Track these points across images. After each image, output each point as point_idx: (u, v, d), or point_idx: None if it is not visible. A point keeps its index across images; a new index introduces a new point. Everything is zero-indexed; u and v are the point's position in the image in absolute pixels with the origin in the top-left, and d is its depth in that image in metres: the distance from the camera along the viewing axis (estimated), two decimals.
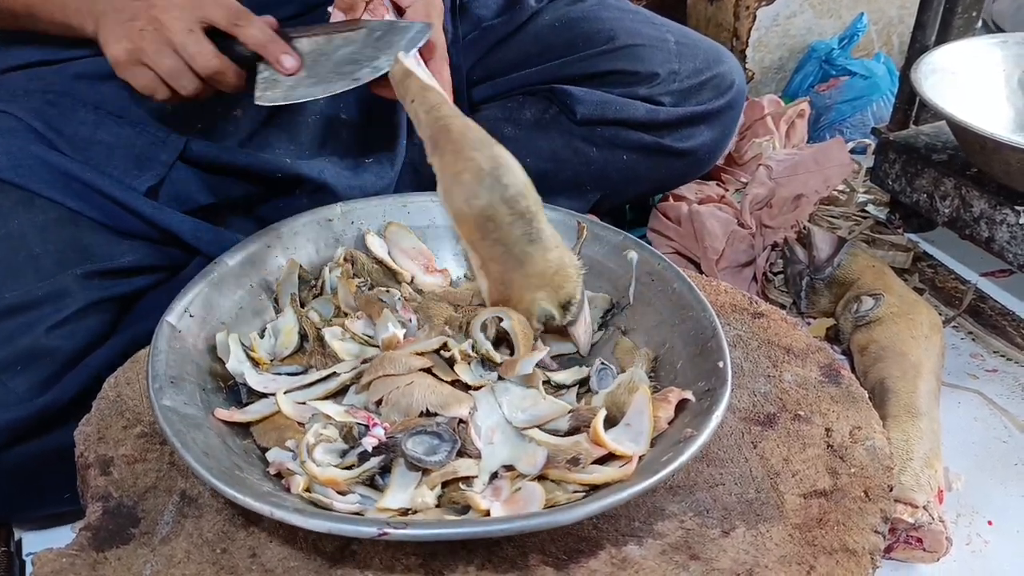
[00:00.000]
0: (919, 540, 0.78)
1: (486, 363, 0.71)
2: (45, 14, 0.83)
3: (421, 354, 0.70)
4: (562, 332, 0.76)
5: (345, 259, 0.82)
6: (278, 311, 0.78)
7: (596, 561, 0.60)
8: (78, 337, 0.79)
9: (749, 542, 0.62)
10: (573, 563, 0.60)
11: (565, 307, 0.73)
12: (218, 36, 0.80)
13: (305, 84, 0.80)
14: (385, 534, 0.54)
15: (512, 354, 0.72)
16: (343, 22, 0.83)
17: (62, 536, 0.83)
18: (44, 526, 0.84)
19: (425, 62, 0.83)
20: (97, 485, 0.65)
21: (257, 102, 0.80)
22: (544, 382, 0.71)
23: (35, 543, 0.84)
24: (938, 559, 0.79)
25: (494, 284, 0.72)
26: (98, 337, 0.81)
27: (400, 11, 0.87)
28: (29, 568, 0.80)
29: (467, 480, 0.63)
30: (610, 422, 0.67)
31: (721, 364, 0.68)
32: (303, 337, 0.75)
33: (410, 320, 0.76)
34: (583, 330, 0.76)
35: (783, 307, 1.14)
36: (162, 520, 0.62)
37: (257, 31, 0.80)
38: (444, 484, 0.63)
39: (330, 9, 0.91)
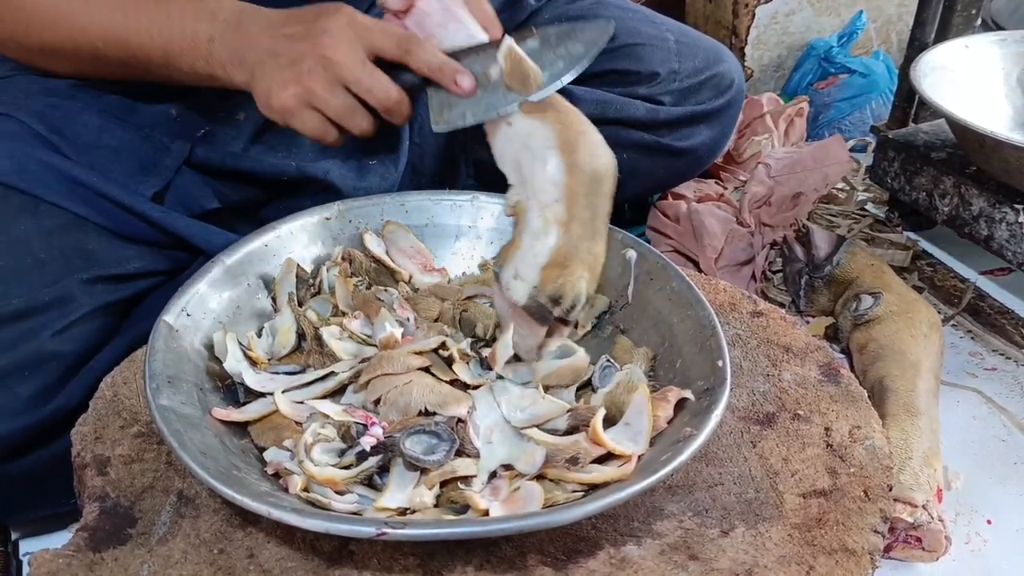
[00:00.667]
0: (918, 539, 0.78)
1: (484, 363, 0.71)
2: (186, 64, 0.81)
3: (419, 353, 0.70)
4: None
5: (343, 258, 0.82)
6: (276, 310, 0.78)
7: (595, 561, 0.60)
8: (83, 341, 0.78)
9: (748, 542, 0.62)
10: (572, 563, 0.60)
11: (586, 302, 0.73)
12: (384, 66, 0.77)
13: (481, 103, 0.75)
14: (383, 534, 0.54)
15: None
16: (515, 34, 0.78)
17: (61, 537, 0.82)
18: (43, 527, 0.84)
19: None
20: (94, 485, 0.64)
21: (436, 128, 0.77)
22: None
23: (33, 543, 0.83)
24: (937, 558, 0.79)
25: (567, 245, 0.72)
26: (102, 340, 0.80)
27: None
28: (26, 569, 0.80)
29: (466, 480, 0.63)
30: (609, 421, 0.67)
31: (720, 363, 0.68)
32: (301, 336, 0.75)
33: (408, 319, 0.76)
34: (565, 334, 0.75)
35: (782, 306, 1.14)
36: (159, 520, 0.62)
37: (429, 55, 0.76)
38: (443, 484, 0.63)
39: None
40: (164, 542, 0.61)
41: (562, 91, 1.06)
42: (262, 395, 0.70)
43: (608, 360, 0.73)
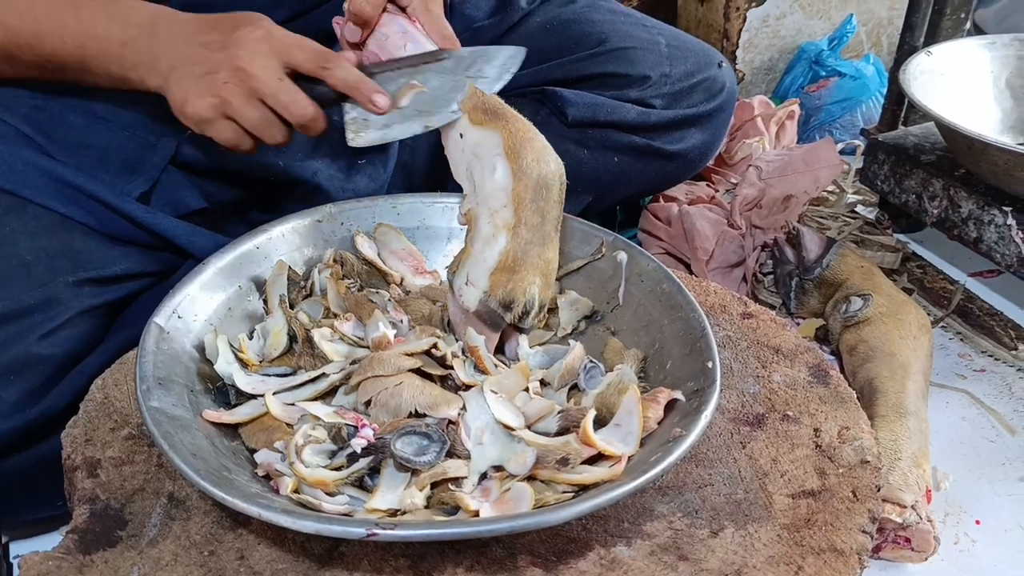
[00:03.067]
0: (907, 540, 0.78)
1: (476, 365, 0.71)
2: (100, 68, 0.80)
3: (411, 355, 0.70)
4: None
5: (335, 260, 0.82)
6: (267, 312, 0.78)
7: (585, 562, 0.60)
8: (70, 344, 0.78)
9: (738, 543, 0.62)
10: (562, 564, 0.60)
11: (541, 308, 0.74)
12: (299, 79, 0.78)
13: (398, 120, 0.78)
14: (374, 535, 0.54)
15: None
16: (425, 54, 0.80)
17: (51, 539, 0.82)
18: (33, 529, 0.84)
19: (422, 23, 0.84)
20: (84, 487, 0.64)
21: (351, 144, 0.78)
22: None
23: (23, 545, 0.83)
24: (926, 559, 0.79)
25: (515, 249, 0.73)
26: (90, 343, 0.80)
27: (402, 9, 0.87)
28: (16, 571, 0.79)
29: (456, 481, 0.63)
30: (600, 422, 0.67)
31: (710, 364, 0.68)
32: (292, 338, 0.75)
33: (401, 321, 0.76)
34: (522, 348, 0.76)
35: (773, 307, 1.14)
36: (149, 523, 0.62)
37: (346, 72, 0.78)
38: (433, 485, 0.63)
39: (337, 22, 0.90)
40: (154, 544, 0.61)
41: (552, 93, 1.07)
42: (253, 397, 0.70)
43: (592, 361, 0.73)
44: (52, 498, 0.77)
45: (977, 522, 0.86)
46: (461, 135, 0.77)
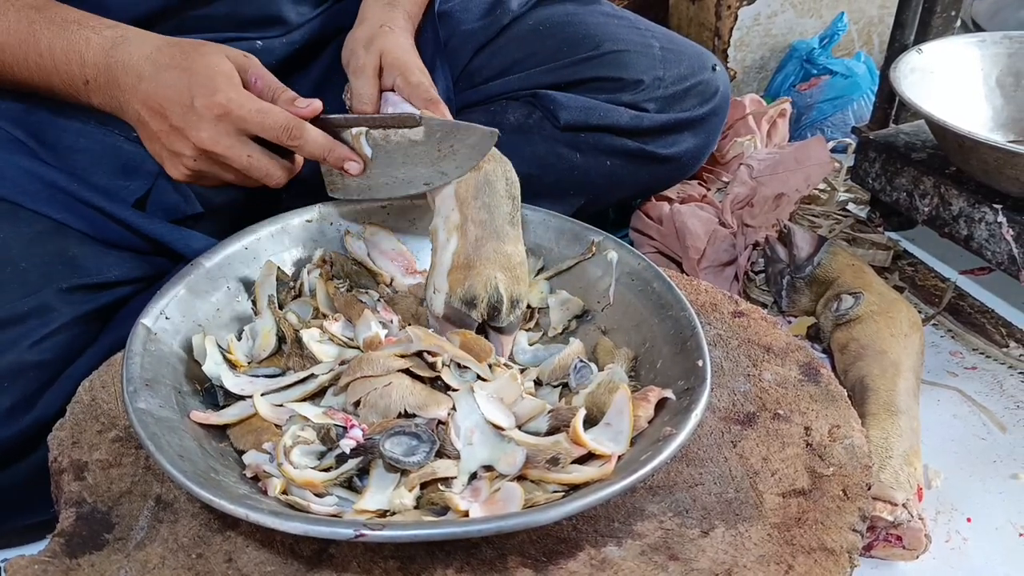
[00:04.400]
0: (898, 538, 0.78)
1: (463, 367, 0.71)
2: (72, 100, 0.80)
3: (401, 355, 0.69)
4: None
5: (324, 260, 0.82)
6: (256, 313, 0.77)
7: (575, 562, 0.60)
8: (62, 350, 0.77)
9: (728, 542, 0.62)
10: (552, 565, 0.60)
11: (512, 305, 0.75)
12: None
13: (374, 182, 0.80)
14: (362, 535, 0.53)
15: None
16: (399, 116, 0.80)
17: (39, 544, 0.82)
18: (20, 534, 0.83)
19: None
20: (71, 490, 0.64)
21: (331, 194, 0.82)
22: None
23: (9, 550, 0.83)
24: (917, 557, 0.79)
25: (465, 246, 0.76)
26: (81, 348, 0.79)
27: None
28: (2, 575, 0.79)
29: (446, 481, 0.63)
30: (590, 421, 0.67)
31: (700, 363, 0.68)
32: (281, 339, 0.74)
33: (391, 321, 0.76)
34: (508, 345, 0.77)
35: (764, 306, 1.14)
36: (137, 525, 0.62)
37: (313, 145, 0.77)
38: (423, 485, 0.62)
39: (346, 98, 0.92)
40: (142, 547, 0.60)
41: (545, 97, 1.07)
42: (241, 398, 0.69)
43: (581, 361, 0.73)
44: (42, 504, 0.76)
45: (968, 520, 0.86)
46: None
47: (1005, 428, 0.98)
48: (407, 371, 0.69)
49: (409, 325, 0.76)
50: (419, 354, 0.70)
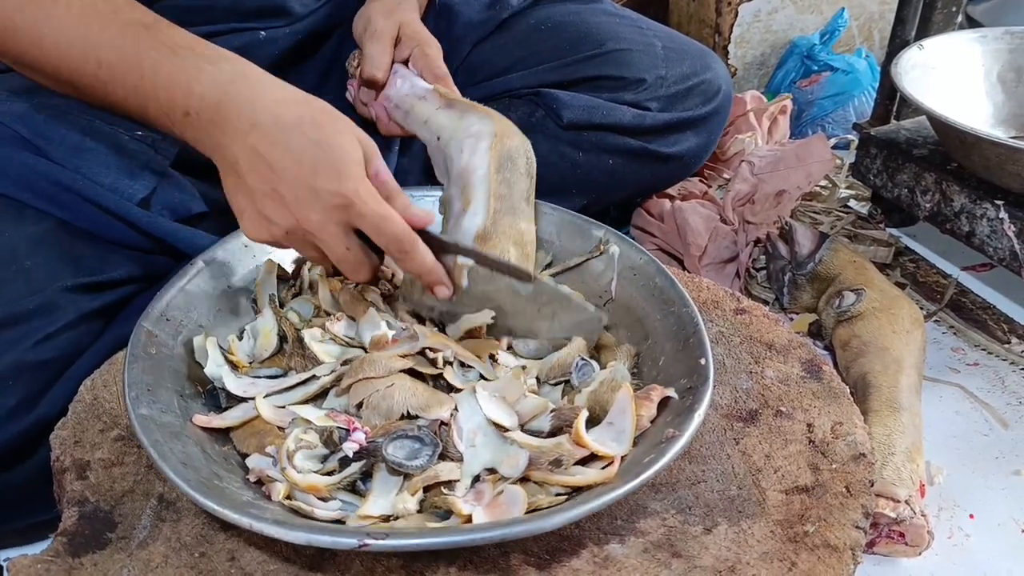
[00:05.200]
0: (901, 534, 0.78)
1: (465, 366, 0.71)
2: (163, 128, 0.73)
3: (403, 355, 0.69)
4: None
5: None
6: (257, 312, 0.77)
7: (578, 560, 0.60)
8: (66, 349, 0.77)
9: (731, 539, 0.62)
10: (555, 563, 0.60)
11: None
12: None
13: (456, 310, 0.75)
14: (365, 545, 0.53)
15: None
16: (510, 265, 0.74)
17: (41, 543, 0.82)
18: (23, 533, 0.83)
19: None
20: (73, 490, 0.64)
21: (402, 303, 0.78)
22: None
23: (12, 549, 0.82)
24: (920, 553, 0.79)
25: (489, 217, 0.76)
26: (85, 347, 0.79)
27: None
28: (4, 574, 0.79)
29: (449, 484, 0.62)
30: (593, 420, 0.66)
31: (703, 361, 0.68)
32: (283, 338, 0.74)
33: (397, 318, 0.76)
34: (518, 344, 0.76)
35: (766, 303, 1.14)
36: (139, 524, 0.62)
37: (419, 264, 0.71)
38: (426, 489, 0.62)
39: (350, 85, 0.93)
40: (144, 546, 0.60)
41: (547, 95, 1.07)
42: (243, 400, 0.69)
43: (583, 358, 0.73)
44: (45, 504, 0.76)
45: (971, 516, 0.86)
46: (426, 121, 0.81)
47: (1007, 424, 0.97)
48: (410, 371, 0.68)
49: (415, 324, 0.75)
50: (422, 352, 0.70)
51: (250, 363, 0.73)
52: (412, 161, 1.06)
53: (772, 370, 0.77)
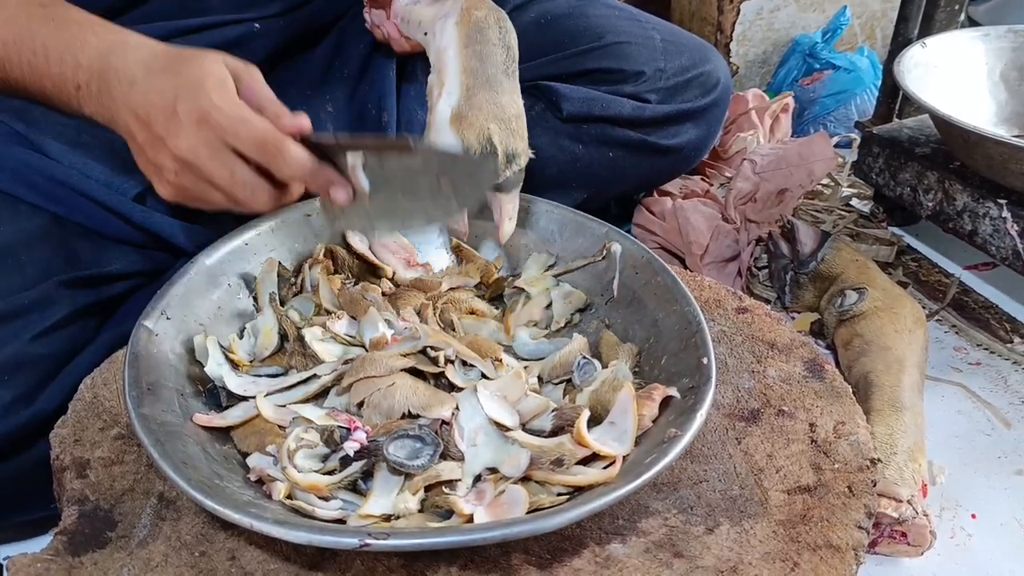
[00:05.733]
0: (903, 534, 0.78)
1: (467, 365, 0.70)
2: (64, 107, 0.74)
3: (405, 354, 0.69)
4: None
5: (325, 255, 0.81)
6: (257, 310, 0.77)
7: (580, 560, 0.60)
8: (62, 344, 0.77)
9: (733, 539, 0.61)
10: (557, 562, 0.60)
11: (508, 159, 0.72)
12: None
13: (375, 212, 0.72)
14: (367, 545, 0.53)
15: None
16: (387, 140, 0.74)
17: (40, 541, 0.81)
18: (22, 531, 0.83)
19: None
20: (73, 488, 0.64)
21: (336, 229, 0.76)
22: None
23: (11, 547, 0.82)
24: (922, 553, 0.79)
25: (463, 96, 0.73)
26: (82, 343, 0.79)
27: None
28: (4, 573, 0.78)
29: (450, 484, 0.62)
30: (594, 419, 0.66)
31: (705, 360, 0.68)
32: (283, 337, 0.74)
33: (395, 320, 0.76)
34: (510, 206, 0.74)
35: (767, 302, 1.14)
36: (139, 523, 0.61)
37: (296, 165, 0.69)
38: (427, 488, 0.62)
39: (367, 10, 0.91)
40: (144, 545, 0.60)
41: (547, 88, 1.06)
42: (244, 399, 0.69)
43: (584, 358, 0.72)
44: (42, 500, 0.76)
45: (973, 516, 0.86)
46: (420, 23, 0.80)
47: (1009, 424, 0.97)
48: (411, 370, 0.68)
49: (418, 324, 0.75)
50: (423, 351, 0.70)
51: (251, 362, 0.72)
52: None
53: (774, 369, 0.77)
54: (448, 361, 0.69)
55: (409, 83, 1.05)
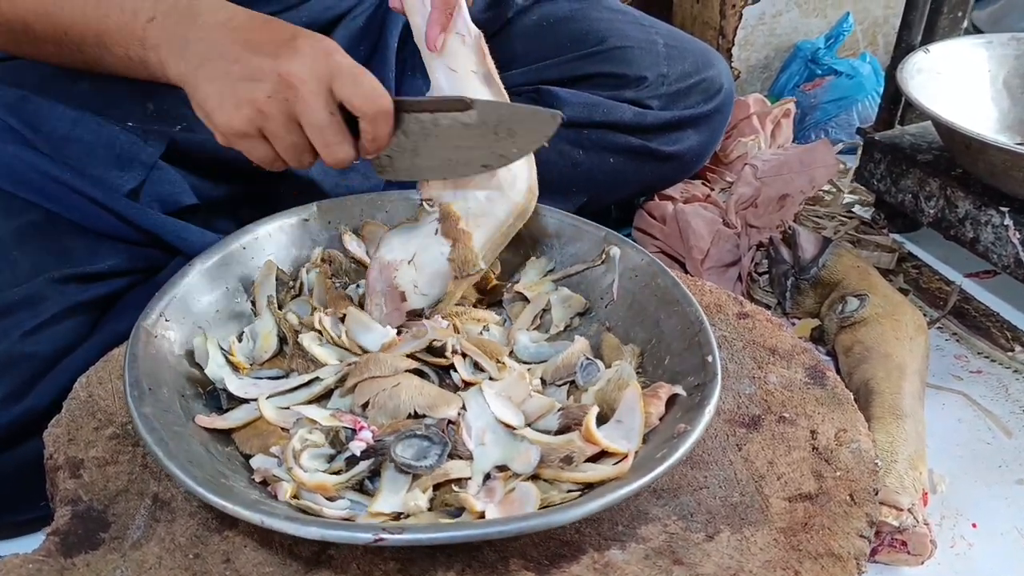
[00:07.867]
0: (903, 543, 0.77)
1: (476, 364, 0.70)
2: (118, 46, 0.72)
3: (409, 355, 0.68)
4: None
5: (323, 259, 0.81)
6: (256, 313, 0.76)
7: (578, 566, 0.59)
8: (54, 341, 0.76)
9: (733, 546, 0.61)
10: (555, 568, 0.59)
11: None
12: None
13: (424, 164, 0.75)
14: (381, 540, 0.52)
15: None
16: (444, 99, 0.74)
17: (32, 541, 0.81)
18: (13, 530, 0.82)
19: None
20: (66, 488, 0.63)
21: (380, 176, 0.77)
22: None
23: (2, 547, 0.81)
24: (922, 562, 0.79)
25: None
26: (75, 340, 0.78)
27: None
28: None
29: (459, 482, 0.62)
30: (600, 419, 0.66)
31: (710, 358, 0.67)
32: (282, 340, 0.73)
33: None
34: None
35: (768, 307, 1.13)
36: (133, 524, 0.61)
37: (379, 132, 0.70)
38: (436, 486, 0.61)
39: None
40: (138, 547, 0.59)
41: (547, 93, 1.06)
42: (244, 401, 0.68)
43: (587, 358, 0.72)
44: (34, 499, 0.75)
45: (973, 525, 0.85)
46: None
47: (1010, 433, 0.97)
48: (416, 370, 0.68)
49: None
50: (429, 345, 0.69)
51: (250, 365, 0.72)
52: None
53: (775, 375, 0.76)
54: (455, 352, 0.68)
55: (409, 84, 1.05)
